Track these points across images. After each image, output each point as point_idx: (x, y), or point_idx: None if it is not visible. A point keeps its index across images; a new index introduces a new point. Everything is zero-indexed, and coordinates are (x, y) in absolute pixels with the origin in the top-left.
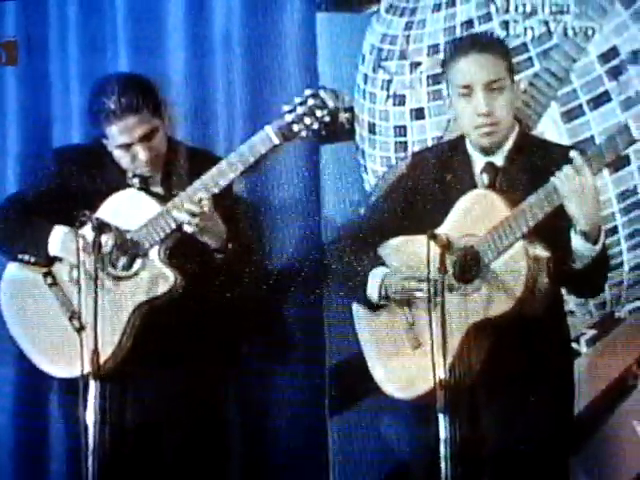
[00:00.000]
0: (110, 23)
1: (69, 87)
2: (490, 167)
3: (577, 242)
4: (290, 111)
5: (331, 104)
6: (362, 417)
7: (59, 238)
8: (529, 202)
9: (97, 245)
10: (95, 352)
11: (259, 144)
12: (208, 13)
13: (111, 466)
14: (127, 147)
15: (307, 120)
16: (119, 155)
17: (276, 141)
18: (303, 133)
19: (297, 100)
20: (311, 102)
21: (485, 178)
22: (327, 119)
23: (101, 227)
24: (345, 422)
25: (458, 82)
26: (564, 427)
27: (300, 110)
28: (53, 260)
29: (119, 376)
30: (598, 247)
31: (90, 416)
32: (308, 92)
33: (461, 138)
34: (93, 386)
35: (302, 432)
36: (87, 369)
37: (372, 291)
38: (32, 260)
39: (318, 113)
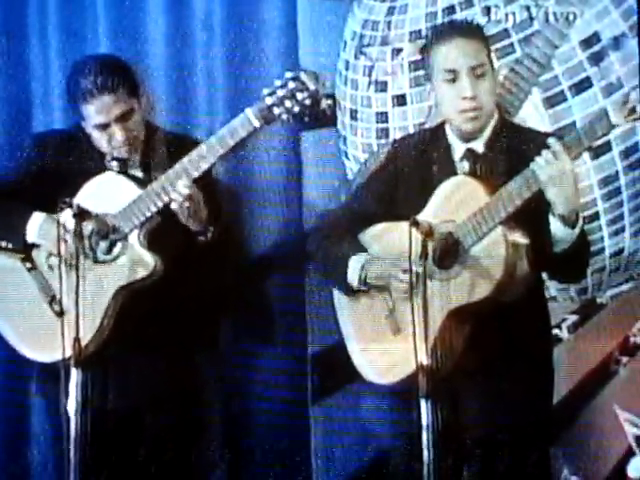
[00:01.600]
0: (90, 8)
1: (49, 73)
2: (470, 153)
3: (556, 226)
4: (270, 94)
5: (312, 87)
6: (344, 402)
7: (37, 225)
8: (508, 188)
9: (78, 231)
10: (77, 339)
11: (239, 127)
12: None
13: (93, 452)
14: (104, 127)
15: (288, 103)
16: (96, 136)
17: (256, 124)
18: (284, 116)
19: (277, 83)
20: (292, 85)
21: (465, 165)
22: (308, 102)
23: (82, 213)
24: (327, 407)
25: (443, 67)
26: (542, 413)
27: (281, 93)
28: (31, 247)
29: (100, 361)
30: (576, 231)
31: (71, 402)
32: (289, 75)
33: (441, 125)
34: (74, 372)
35: (284, 416)
36: (68, 354)
37: (352, 276)
38: (9, 246)
39: (299, 96)
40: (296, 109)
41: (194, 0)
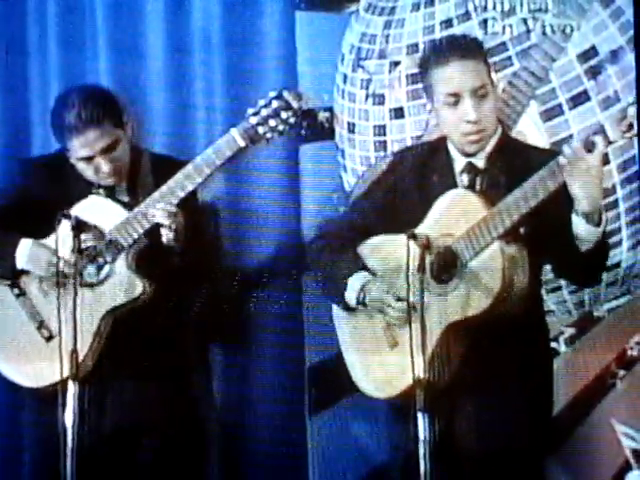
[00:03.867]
0: (89, 23)
1: (48, 87)
2: (470, 167)
3: (579, 225)
4: (255, 114)
5: (295, 105)
6: (341, 416)
7: (26, 251)
8: (506, 202)
9: (77, 243)
10: (74, 352)
11: (225, 147)
12: (187, 12)
13: (88, 469)
14: (89, 160)
15: (272, 122)
16: (82, 167)
17: (242, 144)
18: (268, 135)
19: (261, 102)
20: (275, 104)
21: (465, 178)
22: (292, 120)
23: (80, 225)
24: (324, 420)
25: (444, 90)
26: (540, 427)
27: (265, 112)
28: (20, 273)
29: (91, 381)
30: (600, 230)
31: (69, 415)
32: (272, 94)
33: (442, 139)
34: (71, 386)
35: (281, 430)
36: (57, 377)
37: (350, 296)
38: None
39: (283, 115)
40: (280, 127)
41: (193, 13)
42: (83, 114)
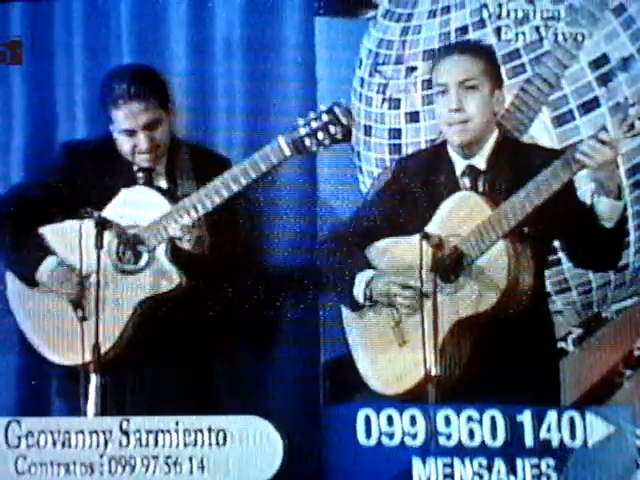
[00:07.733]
0: (114, 25)
1: (73, 87)
2: (470, 170)
3: (603, 204)
4: (304, 125)
5: (344, 121)
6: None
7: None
8: (510, 202)
9: (99, 240)
10: (96, 345)
11: (271, 154)
12: (209, 18)
13: None
14: (130, 133)
15: (320, 135)
16: (122, 141)
17: (287, 152)
18: (314, 148)
19: (312, 115)
20: (325, 118)
21: (466, 181)
22: (340, 136)
23: (103, 223)
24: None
25: (436, 81)
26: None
27: (314, 125)
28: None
29: (119, 367)
30: (622, 203)
31: (90, 406)
32: (323, 108)
33: (443, 144)
34: (93, 377)
35: (296, 428)
36: (87, 358)
37: (358, 293)
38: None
39: (332, 129)
40: (327, 142)
41: (214, 20)
42: (131, 87)
